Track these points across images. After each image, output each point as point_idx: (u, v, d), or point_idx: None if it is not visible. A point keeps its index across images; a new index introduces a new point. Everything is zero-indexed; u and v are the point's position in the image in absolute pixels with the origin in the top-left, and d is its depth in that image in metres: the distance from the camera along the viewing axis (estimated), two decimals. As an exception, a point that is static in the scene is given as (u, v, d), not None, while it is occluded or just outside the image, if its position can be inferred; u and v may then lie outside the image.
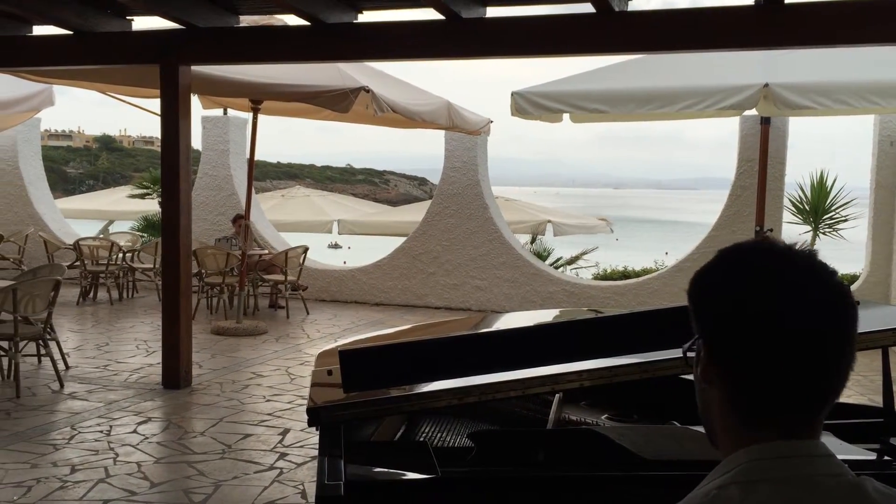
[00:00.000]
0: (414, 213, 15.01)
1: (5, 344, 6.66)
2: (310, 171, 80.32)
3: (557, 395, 2.81)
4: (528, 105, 7.74)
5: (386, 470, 1.99)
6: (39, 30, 7.39)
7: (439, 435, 2.66)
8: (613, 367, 2.21)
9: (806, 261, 1.05)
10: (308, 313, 10.83)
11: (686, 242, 14.50)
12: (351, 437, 2.25)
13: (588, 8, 5.91)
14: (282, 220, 14.86)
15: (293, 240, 13.15)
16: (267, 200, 17.07)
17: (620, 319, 3.08)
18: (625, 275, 12.59)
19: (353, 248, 29.71)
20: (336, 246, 33.26)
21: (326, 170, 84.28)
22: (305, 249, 11.03)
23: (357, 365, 2.48)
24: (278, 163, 75.89)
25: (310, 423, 2.19)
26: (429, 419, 2.76)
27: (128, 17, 7.09)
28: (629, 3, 5.95)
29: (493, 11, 6.30)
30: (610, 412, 2.92)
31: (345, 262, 15.28)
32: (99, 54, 7.13)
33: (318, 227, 16.07)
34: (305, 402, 6.41)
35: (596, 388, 2.79)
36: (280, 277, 10.66)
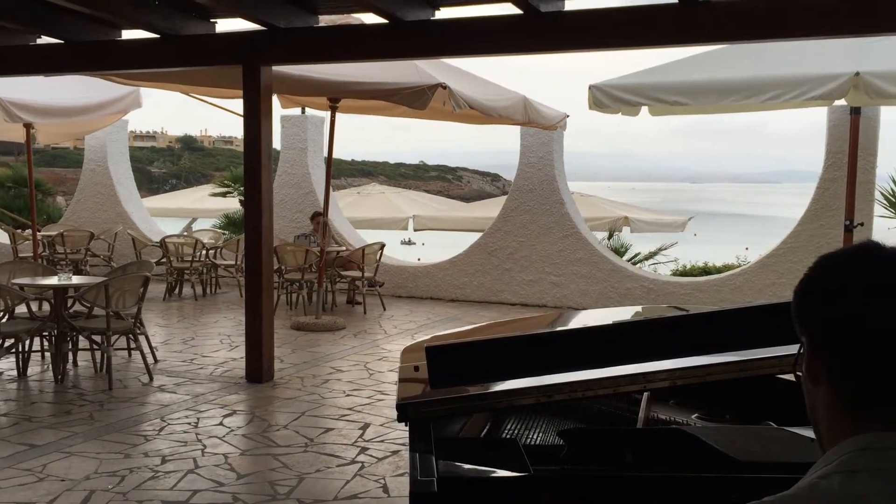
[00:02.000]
0: (488, 209, 15.01)
1: (98, 338, 6.92)
2: (383, 168, 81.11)
3: (646, 394, 2.75)
4: (606, 98, 7.62)
5: (477, 467, 1.98)
6: (128, 34, 7.64)
7: (525, 432, 2.64)
8: (708, 366, 2.15)
9: None
10: (385, 309, 10.93)
11: (768, 237, 14.10)
12: (439, 433, 2.25)
13: (670, -2, 5.79)
14: (358, 217, 15.05)
15: (369, 237, 13.31)
16: (343, 198, 17.31)
17: (707, 317, 3.01)
18: (705, 270, 12.32)
19: (427, 245, 29.83)
20: (409, 242, 33.50)
21: (400, 167, 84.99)
22: (382, 246, 11.13)
23: (443, 361, 2.48)
24: (353, 160, 76.92)
25: (399, 419, 2.20)
26: (513, 416, 2.74)
27: (211, 20, 7.27)
28: (713, -8, 5.80)
29: (571, 4, 6.23)
30: (700, 411, 2.86)
31: (419, 259, 15.38)
32: (184, 57, 7.33)
33: (394, 223, 16.21)
34: (384, 397, 6.49)
35: (685, 387, 2.73)
36: (357, 274, 10.79)
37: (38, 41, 7.94)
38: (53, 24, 7.22)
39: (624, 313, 4.89)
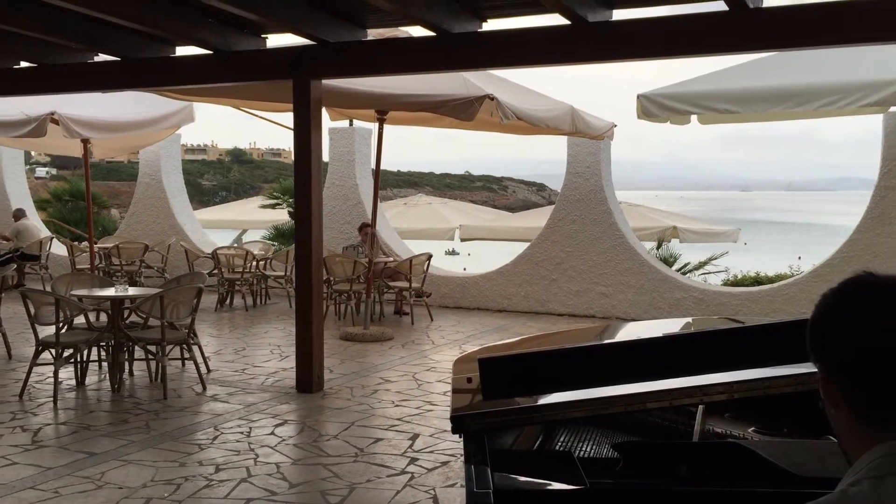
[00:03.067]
0: (534, 219, 14.96)
1: (153, 348, 7.06)
2: (429, 178, 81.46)
3: (701, 407, 2.72)
4: (654, 107, 7.57)
5: (533, 479, 1.98)
6: (182, 50, 7.82)
7: (578, 444, 2.63)
8: (767, 379, 2.12)
9: None
10: (432, 319, 10.96)
11: (822, 246, 13.82)
12: (492, 444, 2.25)
13: (720, 6, 5.74)
14: (405, 227, 15.13)
15: (416, 247, 13.36)
16: (390, 209, 17.42)
17: (763, 329, 2.96)
18: (757, 280, 12.11)
19: (471, 255, 29.83)
20: (453, 252, 33.53)
21: (445, 177, 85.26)
22: (429, 256, 11.17)
23: (496, 373, 2.49)
24: (398, 171, 77.42)
25: (454, 430, 2.21)
26: (565, 428, 2.73)
27: (262, 36, 7.40)
28: (764, -2, 5.73)
29: (619, 14, 6.21)
30: (757, 425, 2.81)
31: (465, 269, 15.40)
32: (236, 72, 7.47)
33: (441, 234, 16.26)
34: (433, 407, 6.51)
35: (742, 400, 2.69)
36: (405, 284, 10.84)
37: (96, 59, 8.17)
38: (110, 42, 7.43)
39: (674, 325, 4.84)
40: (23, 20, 6.69)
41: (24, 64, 8.44)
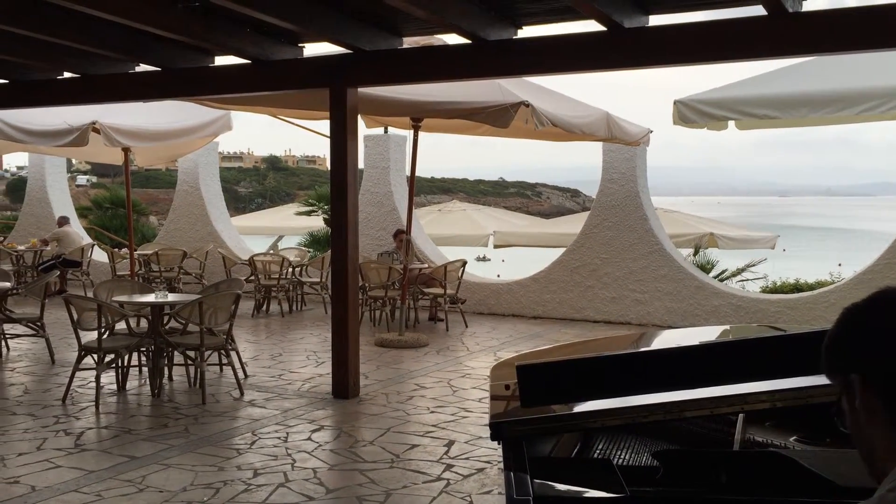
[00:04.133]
0: (569, 225, 14.92)
1: (192, 353, 7.15)
2: (462, 185, 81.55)
3: (741, 416, 2.70)
4: (691, 113, 7.51)
5: (573, 487, 1.98)
6: (220, 60, 7.94)
7: (616, 452, 2.61)
8: (810, 388, 2.09)
9: None
10: (467, 326, 10.96)
11: (863, 252, 13.57)
12: (530, 451, 2.25)
13: (758, 10, 5.68)
14: (439, 234, 15.16)
15: (450, 253, 13.38)
16: (424, 215, 17.47)
17: (804, 337, 2.92)
18: (797, 287, 11.93)
19: (501, 261, 29.74)
20: (485, 259, 33.43)
21: (479, 183, 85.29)
22: (464, 263, 11.19)
23: (534, 380, 2.49)
24: (432, 178, 77.61)
25: (492, 437, 2.21)
26: (603, 436, 2.72)
27: (299, 45, 7.49)
28: (803, 2, 5.66)
29: (655, 19, 6.18)
30: (798, 434, 2.78)
31: (498, 275, 15.37)
32: (274, 81, 7.56)
33: (475, 240, 16.27)
34: (468, 414, 6.51)
35: (783, 409, 2.66)
36: (439, 291, 10.86)
37: (137, 69, 8.32)
38: (151, 53, 7.56)
39: (711, 333, 4.78)
40: (67, 32, 6.84)
41: (67, 74, 8.62)
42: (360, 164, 12.43)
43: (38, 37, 6.96)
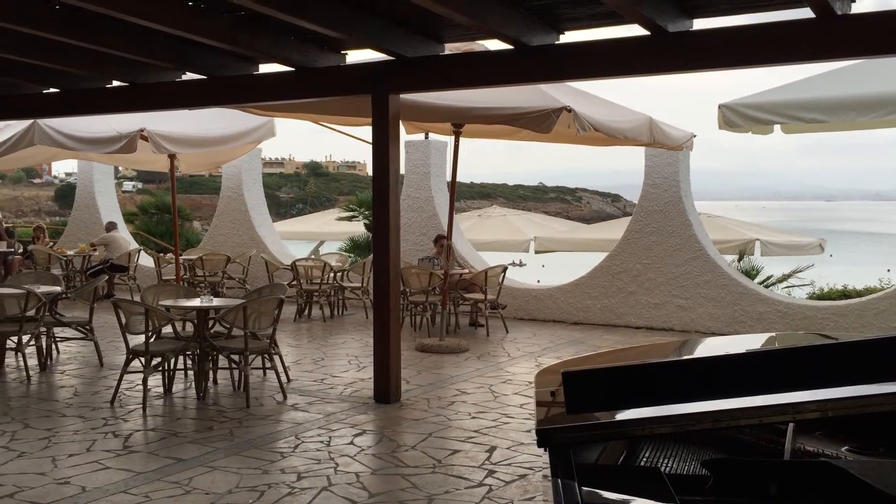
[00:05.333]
0: (610, 231, 14.82)
1: (236, 357, 7.25)
2: (502, 190, 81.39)
3: (791, 425, 2.65)
4: (737, 117, 7.42)
5: (622, 496, 1.97)
6: (264, 68, 8.04)
7: (663, 461, 2.59)
8: (865, 397, 2.05)
9: None
10: (507, 331, 10.94)
11: (915, 258, 13.26)
12: (576, 458, 2.24)
13: (805, 13, 5.60)
14: (479, 239, 15.16)
15: (490, 259, 13.37)
16: (464, 220, 17.49)
17: (857, 345, 2.87)
18: (845, 294, 11.70)
19: (533, 267, 29.52)
20: (520, 264, 33.23)
21: (518, 188, 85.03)
22: (504, 268, 11.17)
23: (580, 386, 2.47)
24: (472, 183, 77.58)
25: (539, 444, 2.21)
26: (649, 444, 2.70)
27: (342, 52, 7.56)
28: (852, 4, 5.57)
29: (699, 23, 6.13)
30: (850, 444, 2.72)
31: (538, 281, 15.33)
32: (317, 88, 7.64)
33: (515, 245, 16.24)
34: (510, 420, 6.50)
35: (835, 418, 2.61)
36: (480, 296, 10.86)
37: (183, 77, 8.47)
38: (197, 61, 7.69)
39: (756, 340, 4.71)
40: (117, 42, 7.00)
41: (115, 83, 8.81)
42: (402, 170, 12.51)
43: (89, 47, 7.13)
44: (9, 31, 6.91)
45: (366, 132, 8.90)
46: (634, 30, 6.10)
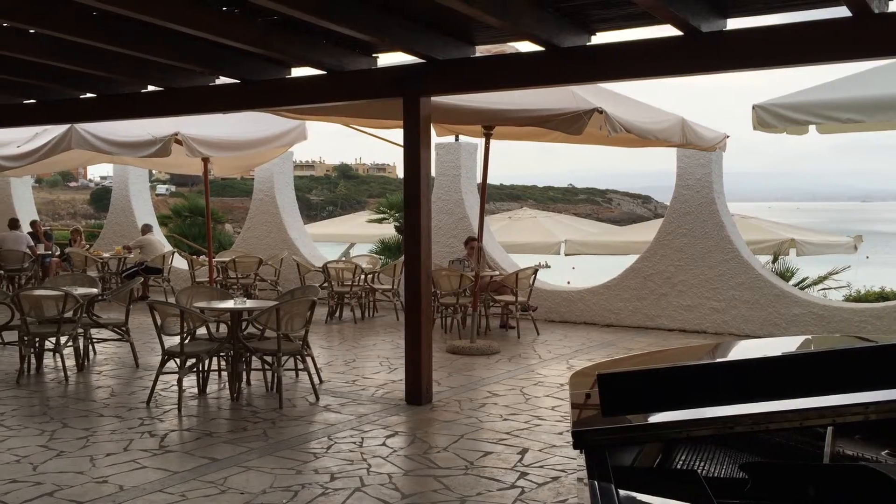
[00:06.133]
0: (641, 233, 14.71)
1: (269, 359, 7.31)
2: (532, 192, 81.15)
3: (830, 428, 2.62)
4: (771, 118, 7.34)
5: (660, 499, 1.96)
6: (297, 71, 8.11)
7: (700, 464, 2.57)
8: (907, 401, 2.03)
9: None
10: (538, 334, 10.91)
11: (954, 260, 13.01)
12: (612, 461, 2.24)
13: (842, 12, 5.53)
14: (510, 241, 15.14)
15: (521, 261, 13.34)
16: (495, 222, 17.46)
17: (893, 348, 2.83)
18: (882, 296, 11.52)
19: (558, 269, 29.32)
20: (545, 266, 32.99)
21: (548, 190, 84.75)
22: (535, 270, 11.15)
23: (615, 388, 2.47)
24: (501, 185, 77.45)
25: (575, 446, 2.21)
26: (685, 446, 2.68)
27: (373, 55, 7.60)
28: (889, 2, 5.49)
29: (733, 23, 6.07)
30: (890, 448, 2.68)
31: (568, 282, 15.26)
32: (348, 91, 7.69)
33: (546, 248, 16.18)
34: (541, 422, 6.48)
35: (875, 422, 2.58)
36: (511, 298, 10.84)
37: (217, 81, 8.57)
38: (231, 66, 7.78)
39: (792, 343, 4.65)
40: (153, 47, 7.10)
41: (151, 88, 8.94)
42: (432, 172, 12.52)
43: (126, 52, 7.24)
44: (48, 37, 7.05)
45: (397, 135, 8.94)
46: (667, 30, 6.06)
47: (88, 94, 9.37)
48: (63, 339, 8.28)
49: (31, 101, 9.76)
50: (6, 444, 5.90)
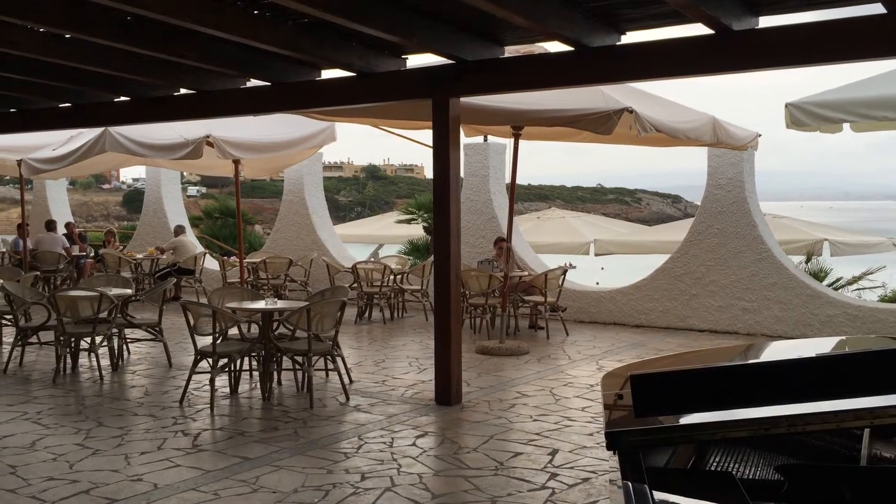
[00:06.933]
0: (671, 233, 14.60)
1: (300, 359, 7.36)
2: (560, 192, 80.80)
3: (867, 430, 2.59)
4: (804, 116, 7.25)
5: (696, 500, 1.95)
6: (326, 73, 8.17)
7: (734, 465, 2.56)
8: (947, 403, 2.00)
9: None
10: (567, 334, 10.88)
11: None
12: (646, 462, 2.23)
13: (875, 9, 5.45)
14: (539, 241, 15.10)
15: (550, 261, 13.30)
16: (523, 223, 17.42)
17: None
18: (918, 297, 11.30)
19: (585, 269, 29.11)
20: (570, 266, 32.79)
21: (577, 190, 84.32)
22: (564, 271, 11.11)
23: (648, 389, 2.46)
24: (529, 185, 77.22)
25: (608, 447, 2.20)
26: (718, 448, 2.67)
27: (403, 56, 7.63)
28: (926, -2, 5.40)
29: (765, 21, 6.01)
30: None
31: (597, 283, 15.18)
32: (378, 92, 7.72)
33: (575, 248, 16.12)
34: (572, 423, 6.46)
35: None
36: (540, 299, 10.82)
37: (247, 84, 8.65)
38: (262, 68, 7.85)
39: (825, 344, 4.59)
40: (186, 51, 7.18)
41: (183, 91, 9.04)
42: (461, 173, 12.52)
43: (160, 56, 7.33)
44: (83, 41, 7.17)
45: (425, 135, 8.96)
46: (698, 29, 6.02)
47: (122, 98, 9.50)
48: (98, 339, 8.41)
49: (67, 104, 9.92)
50: (43, 443, 6.01)
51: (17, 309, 8.84)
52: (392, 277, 12.40)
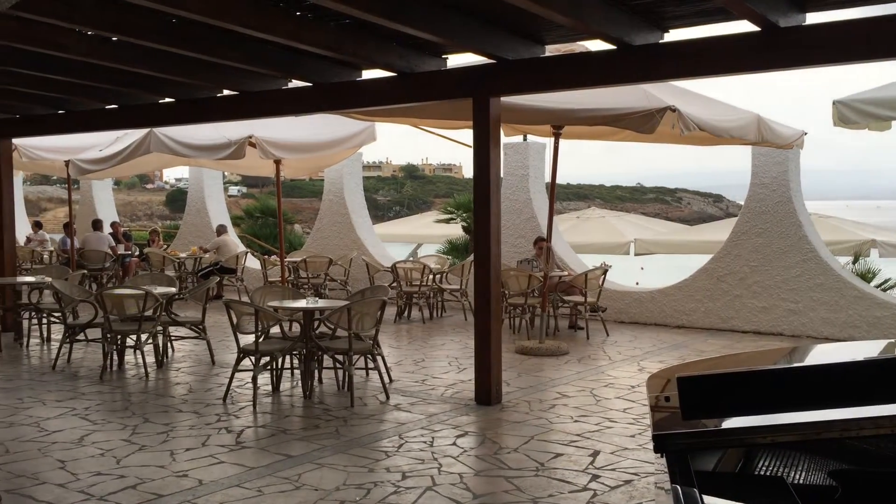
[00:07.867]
0: (713, 233, 14.41)
1: (341, 357, 7.41)
2: (599, 191, 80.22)
3: (922, 436, 2.53)
4: (852, 114, 7.11)
5: (746, 504, 1.92)
6: (367, 74, 8.20)
7: (783, 470, 2.51)
8: None
9: None
10: (608, 335, 10.80)
11: None
12: (693, 465, 2.20)
13: (929, 2, 5.32)
14: (578, 241, 15.00)
15: (590, 261, 13.20)
16: (563, 222, 17.32)
17: None
18: (970, 298, 11.00)
19: (620, 269, 28.83)
20: (608, 266, 32.47)
21: (616, 189, 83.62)
22: (604, 271, 11.03)
23: (695, 392, 2.43)
24: (568, 184, 76.77)
25: (655, 449, 2.18)
26: (767, 452, 2.62)
27: (443, 56, 7.63)
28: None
29: (812, 17, 5.90)
30: None
31: (637, 283, 15.04)
32: (418, 92, 7.73)
33: (615, 248, 15.99)
34: (613, 424, 6.42)
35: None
36: (580, 299, 10.75)
37: (289, 85, 8.72)
38: (303, 69, 7.91)
39: (874, 347, 4.49)
40: (227, 52, 7.27)
41: (226, 92, 9.15)
42: (501, 173, 12.50)
43: (204, 58, 7.43)
44: (129, 44, 7.29)
45: (464, 135, 8.97)
46: (744, 26, 5.93)
47: (167, 99, 9.64)
48: (143, 337, 8.55)
49: (113, 106, 10.10)
50: (91, 438, 6.13)
51: (65, 307, 9.03)
52: (431, 277, 12.42)
